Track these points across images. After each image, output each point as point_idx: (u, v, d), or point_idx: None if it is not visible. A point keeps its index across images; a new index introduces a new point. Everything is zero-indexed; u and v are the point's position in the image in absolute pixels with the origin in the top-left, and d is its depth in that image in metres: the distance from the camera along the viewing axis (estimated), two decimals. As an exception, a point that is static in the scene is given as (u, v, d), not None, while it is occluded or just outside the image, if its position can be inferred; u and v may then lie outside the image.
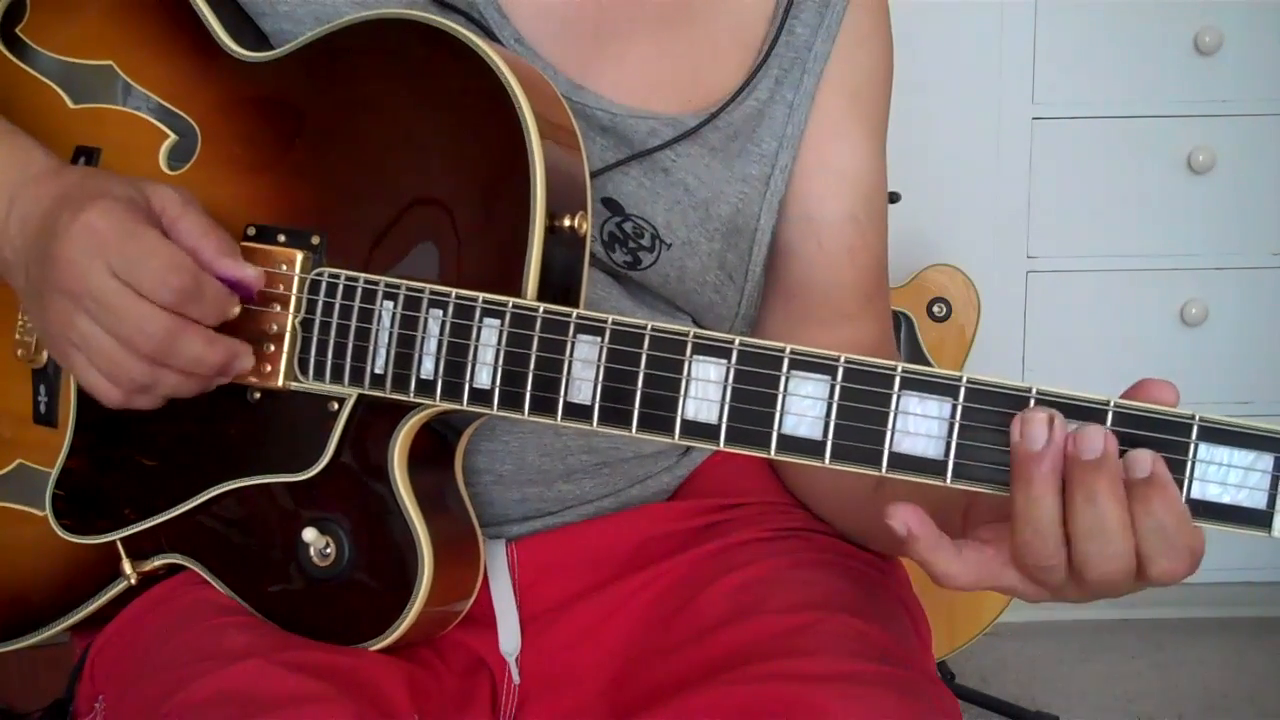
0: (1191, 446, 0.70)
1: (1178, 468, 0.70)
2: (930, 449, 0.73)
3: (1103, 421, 0.71)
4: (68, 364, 0.89)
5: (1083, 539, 0.71)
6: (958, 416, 0.73)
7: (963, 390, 0.73)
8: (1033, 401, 0.72)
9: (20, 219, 0.89)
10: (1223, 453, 0.69)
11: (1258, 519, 0.70)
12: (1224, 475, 0.70)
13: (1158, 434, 0.70)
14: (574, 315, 0.81)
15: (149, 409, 0.89)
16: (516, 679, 0.97)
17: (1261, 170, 2.33)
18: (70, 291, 0.85)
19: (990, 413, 0.73)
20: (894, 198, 1.78)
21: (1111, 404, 0.71)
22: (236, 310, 0.88)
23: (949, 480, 0.74)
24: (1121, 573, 0.72)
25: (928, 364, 1.88)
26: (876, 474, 0.75)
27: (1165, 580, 0.72)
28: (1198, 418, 0.70)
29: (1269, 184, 2.34)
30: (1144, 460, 0.70)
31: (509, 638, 0.98)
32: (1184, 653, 2.39)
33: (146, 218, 0.86)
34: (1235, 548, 2.48)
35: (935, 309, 2.12)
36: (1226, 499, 0.70)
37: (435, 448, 0.91)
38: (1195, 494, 0.70)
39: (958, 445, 0.73)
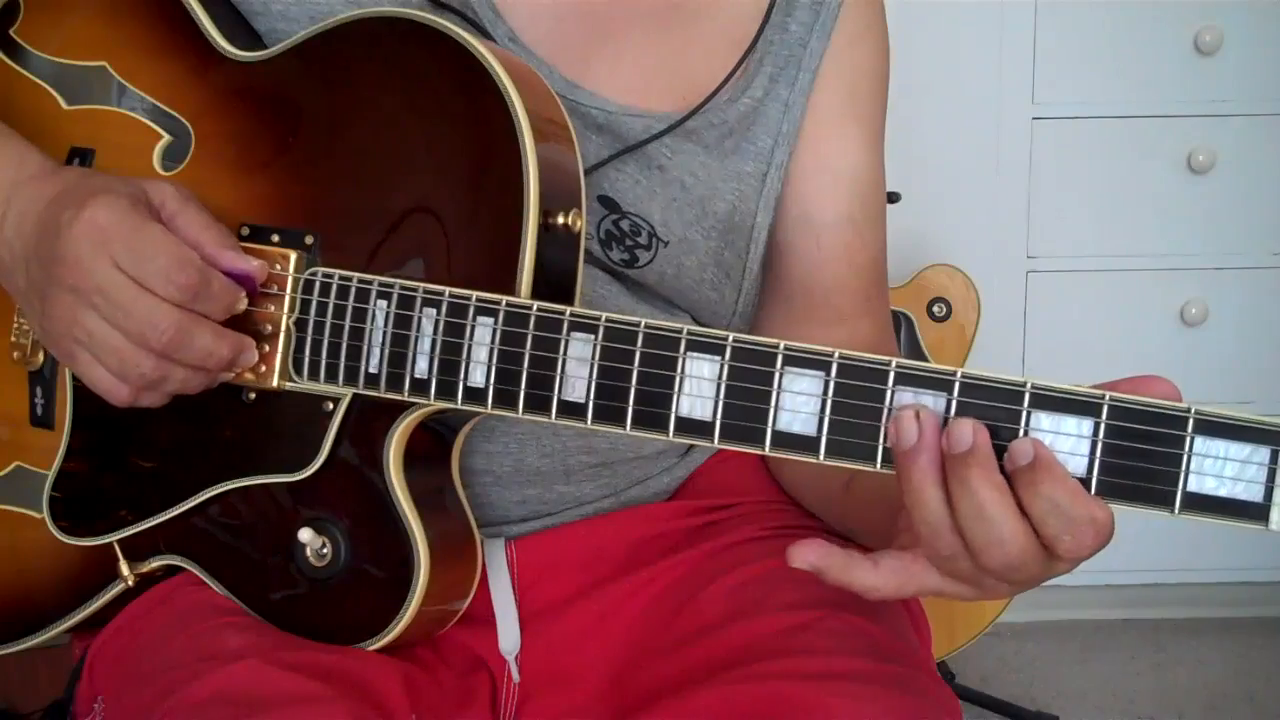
0: (1187, 440, 0.69)
1: (1173, 461, 0.70)
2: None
3: (1099, 416, 0.71)
4: (72, 363, 0.88)
5: (969, 527, 0.72)
6: (952, 412, 0.73)
7: (957, 385, 0.73)
8: (1026, 397, 0.72)
9: (17, 220, 0.89)
10: (1219, 445, 0.69)
11: (1255, 512, 0.69)
12: (1220, 468, 0.69)
13: (1153, 427, 0.70)
14: (568, 313, 0.81)
15: (155, 406, 0.89)
16: (516, 677, 0.97)
17: (1261, 170, 2.33)
18: (76, 288, 0.84)
19: (987, 408, 0.72)
20: (894, 198, 1.78)
21: (1107, 398, 0.71)
22: (244, 304, 0.88)
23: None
24: (1021, 556, 0.73)
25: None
26: (871, 469, 0.75)
27: (1076, 556, 0.73)
28: (1193, 410, 0.69)
29: (1269, 184, 2.33)
30: (1025, 449, 0.71)
31: (508, 636, 0.98)
32: (1184, 653, 2.39)
33: (149, 213, 0.86)
34: (1235, 548, 2.49)
35: (935, 309, 2.12)
36: (1223, 492, 0.69)
37: (431, 447, 0.91)
38: (1192, 487, 0.70)
39: (953, 441, 0.73)
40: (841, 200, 1.05)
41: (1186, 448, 0.69)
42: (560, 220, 0.85)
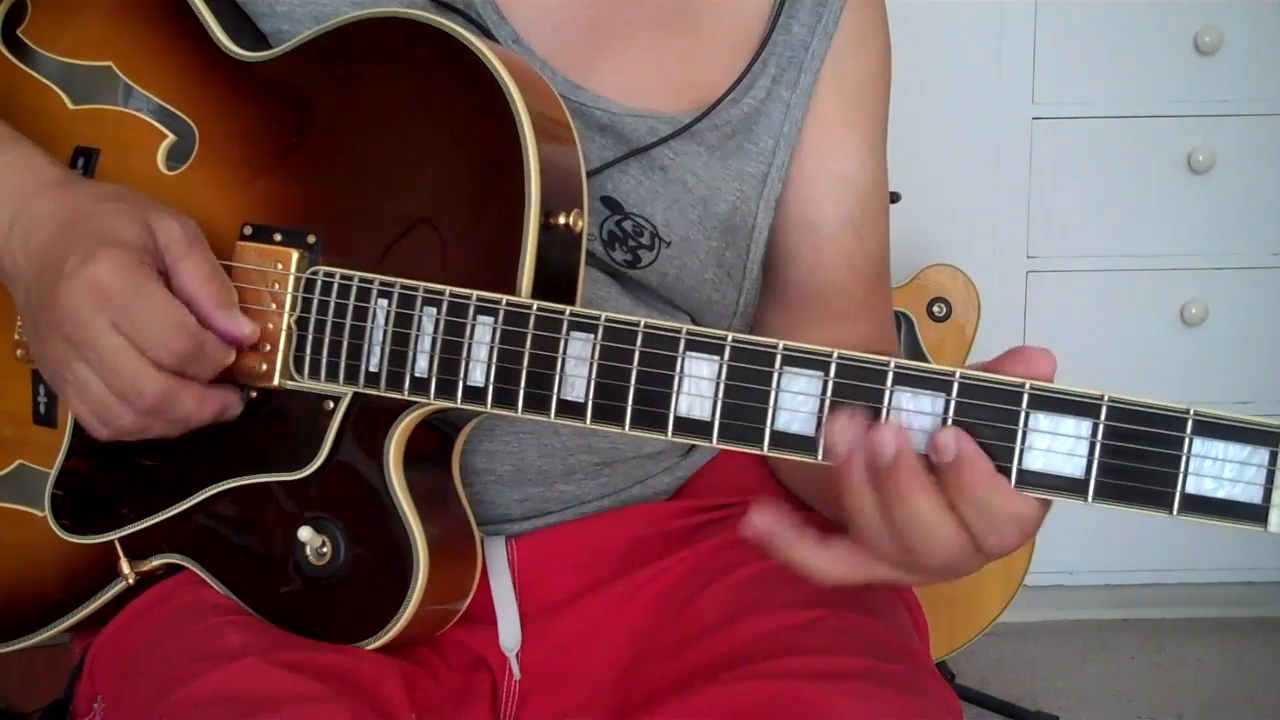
0: (1186, 441, 0.69)
1: (1172, 463, 0.70)
2: (925, 445, 0.73)
3: (1097, 417, 0.71)
4: (60, 394, 0.90)
5: (905, 532, 0.73)
6: (951, 412, 0.73)
7: (956, 385, 0.73)
8: (1025, 397, 0.72)
9: (24, 233, 0.89)
10: (1218, 447, 0.69)
11: (1253, 514, 0.69)
12: (1219, 470, 0.69)
13: (1152, 428, 0.70)
14: (567, 312, 0.81)
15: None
16: (518, 674, 0.97)
17: (1261, 170, 2.33)
18: (70, 339, 0.85)
19: (984, 408, 0.72)
20: (894, 198, 1.77)
21: (1106, 399, 0.71)
22: (231, 359, 0.89)
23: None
24: (962, 554, 0.74)
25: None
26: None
27: (1000, 552, 0.74)
28: (1192, 412, 0.69)
29: (1269, 184, 2.33)
30: (948, 444, 0.71)
31: (509, 633, 0.98)
32: (1184, 653, 2.39)
33: (153, 268, 0.86)
34: (1235, 548, 2.49)
35: (935, 309, 2.12)
36: (1222, 494, 0.69)
37: (432, 446, 0.91)
38: (1190, 489, 0.70)
39: (951, 441, 0.73)
40: (843, 205, 1.05)
41: (1185, 449, 0.69)
42: (562, 221, 0.86)
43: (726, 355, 0.77)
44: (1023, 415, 0.72)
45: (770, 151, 1.02)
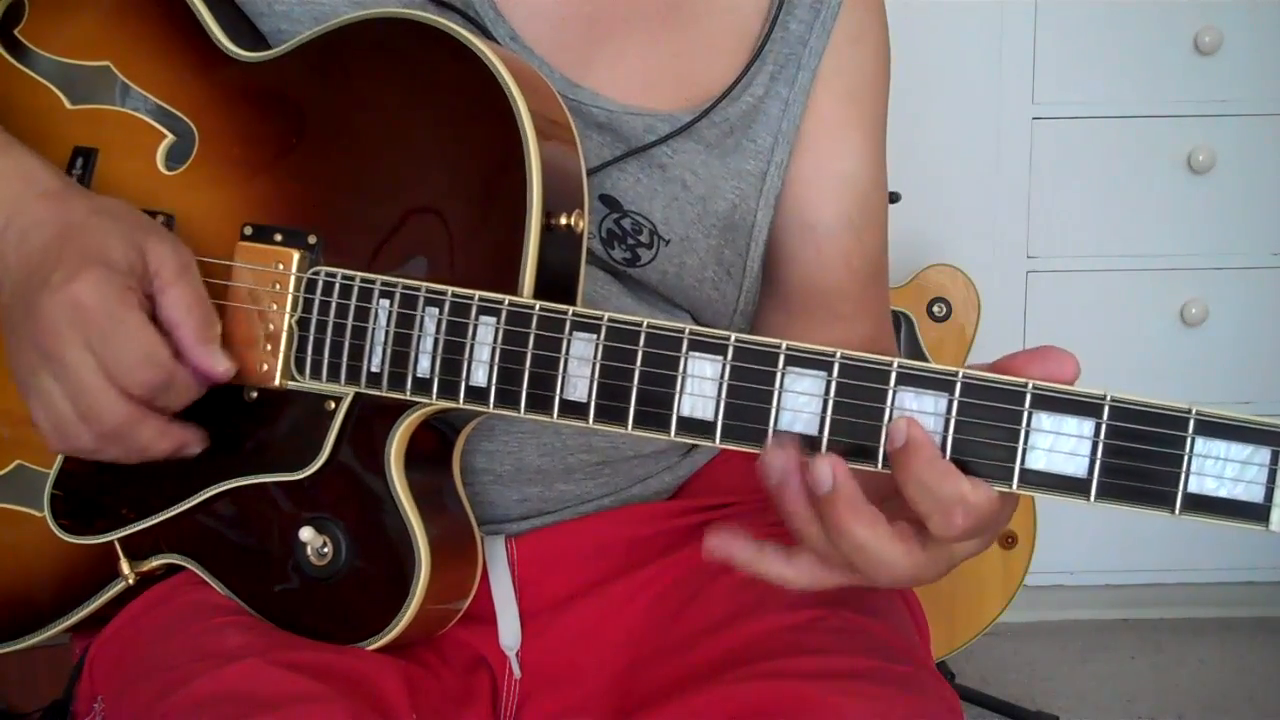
0: (1188, 440, 0.69)
1: (1174, 462, 0.70)
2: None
3: (1099, 417, 0.71)
4: (24, 398, 0.89)
5: (853, 558, 0.74)
6: (954, 412, 0.73)
7: (959, 385, 0.73)
8: (1028, 397, 0.72)
9: (18, 237, 0.88)
10: (1219, 446, 0.69)
11: (1255, 513, 0.69)
12: (1221, 469, 0.69)
13: (1154, 428, 0.70)
14: (570, 313, 0.81)
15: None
16: (518, 673, 0.97)
17: (1261, 170, 2.33)
18: (43, 350, 0.85)
19: (986, 408, 0.72)
20: (894, 198, 1.77)
21: (1108, 399, 0.71)
22: (201, 394, 0.88)
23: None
24: (913, 570, 0.75)
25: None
26: (873, 469, 0.75)
27: (947, 535, 0.74)
28: (1194, 411, 0.69)
29: (1269, 184, 2.34)
30: (899, 430, 0.72)
31: (509, 633, 0.98)
32: (1184, 653, 2.39)
33: (137, 293, 0.85)
34: (1235, 548, 2.49)
35: (935, 309, 2.13)
36: (1224, 493, 0.69)
37: (433, 447, 0.91)
38: (1192, 488, 0.70)
39: (954, 440, 0.73)
40: (841, 205, 1.05)
41: (1187, 448, 0.69)
42: (563, 221, 0.85)
43: (729, 355, 0.77)
44: (1025, 415, 0.72)
45: (769, 149, 1.02)
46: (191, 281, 0.88)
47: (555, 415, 0.81)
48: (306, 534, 0.88)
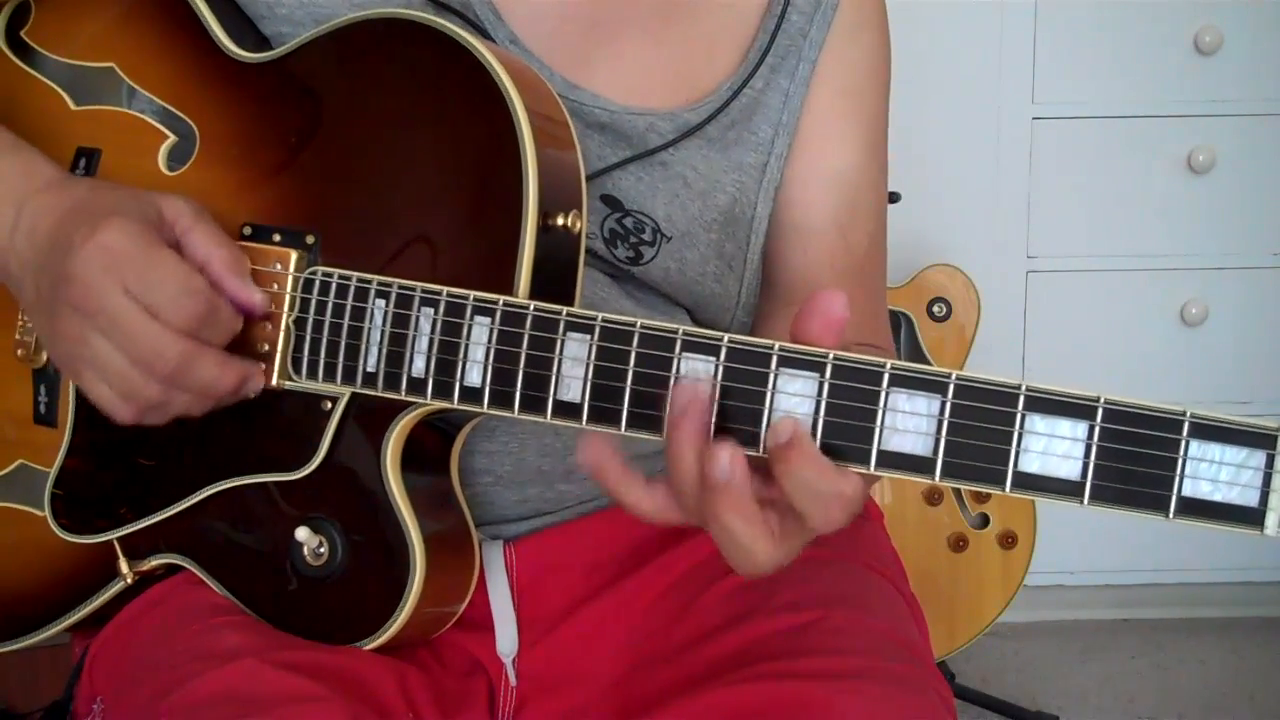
0: (1183, 444, 0.69)
1: (1168, 465, 0.69)
2: (920, 446, 0.73)
3: (1092, 419, 0.70)
4: (78, 380, 0.88)
5: (718, 537, 0.75)
6: (947, 414, 0.72)
7: (952, 387, 0.72)
8: (1021, 399, 0.71)
9: (28, 231, 0.89)
10: (1214, 450, 0.68)
11: (1250, 517, 0.68)
12: (1215, 473, 0.68)
13: (1149, 430, 0.69)
14: (564, 313, 0.80)
15: (158, 425, 0.89)
16: (514, 680, 0.97)
17: (1261, 170, 2.33)
18: (84, 309, 0.84)
19: (980, 410, 0.72)
20: (894, 198, 1.78)
21: (1101, 400, 0.70)
22: (240, 327, 0.88)
23: (938, 478, 0.73)
24: (770, 559, 0.75)
25: (928, 364, 1.88)
26: (866, 471, 0.75)
27: (826, 528, 0.74)
28: (1189, 414, 0.69)
29: (1269, 184, 2.34)
30: (785, 427, 0.72)
31: (506, 639, 0.98)
32: (1184, 653, 2.39)
33: (160, 236, 0.86)
34: (1235, 548, 2.49)
35: (935, 309, 2.13)
36: (1218, 497, 0.69)
37: (430, 447, 0.91)
38: (1187, 492, 0.69)
39: (947, 443, 0.72)
40: (831, 205, 1.05)
41: (1181, 451, 0.69)
42: (560, 221, 0.85)
43: (722, 356, 0.76)
44: (1018, 417, 0.71)
45: (769, 141, 1.03)
46: (211, 223, 0.88)
47: (549, 416, 0.81)
48: (303, 534, 0.89)
